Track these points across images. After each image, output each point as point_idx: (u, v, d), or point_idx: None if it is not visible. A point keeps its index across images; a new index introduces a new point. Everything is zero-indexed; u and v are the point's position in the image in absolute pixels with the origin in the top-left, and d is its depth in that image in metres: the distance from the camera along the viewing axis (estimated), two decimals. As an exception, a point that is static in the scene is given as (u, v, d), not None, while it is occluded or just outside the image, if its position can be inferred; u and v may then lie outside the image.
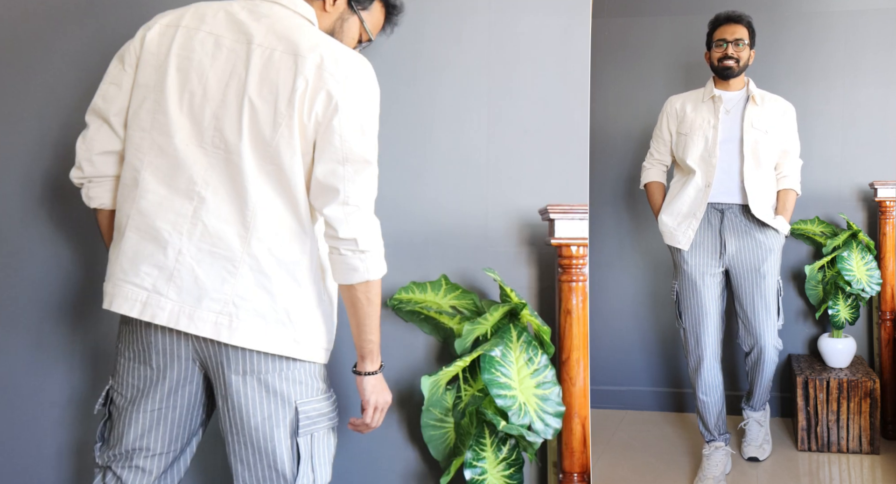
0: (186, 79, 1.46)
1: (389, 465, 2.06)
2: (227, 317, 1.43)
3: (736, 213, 2.86)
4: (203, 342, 1.47)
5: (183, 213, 1.44)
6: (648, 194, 3.06)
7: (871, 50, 3.61)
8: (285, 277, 1.46)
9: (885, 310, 3.43)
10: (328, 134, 1.42)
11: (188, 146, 1.44)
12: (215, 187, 1.43)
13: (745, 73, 2.91)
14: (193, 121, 1.45)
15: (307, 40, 1.44)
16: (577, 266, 1.88)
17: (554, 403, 1.83)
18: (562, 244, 1.88)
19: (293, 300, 1.47)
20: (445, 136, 2.06)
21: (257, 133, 1.42)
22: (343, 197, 1.42)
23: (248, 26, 1.46)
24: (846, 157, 3.63)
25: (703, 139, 2.84)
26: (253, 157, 1.42)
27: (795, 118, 2.94)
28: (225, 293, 1.43)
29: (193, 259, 1.43)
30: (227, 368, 1.47)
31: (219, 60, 1.45)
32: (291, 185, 1.44)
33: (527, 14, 2.04)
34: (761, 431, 3.14)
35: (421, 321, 2.03)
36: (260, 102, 1.42)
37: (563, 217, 1.87)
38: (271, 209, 1.44)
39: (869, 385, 3.15)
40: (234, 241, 1.43)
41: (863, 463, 3.10)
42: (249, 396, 1.47)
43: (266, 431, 1.48)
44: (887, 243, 3.44)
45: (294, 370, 1.50)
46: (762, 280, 2.85)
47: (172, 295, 1.43)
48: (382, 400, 1.62)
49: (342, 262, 1.46)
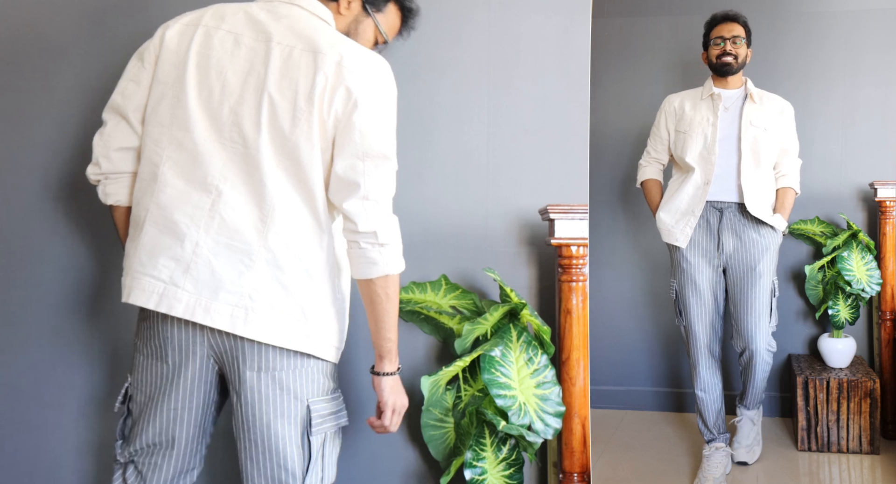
0: (206, 75, 1.47)
1: (389, 465, 2.06)
2: (242, 309, 1.43)
3: (734, 211, 2.86)
4: (219, 336, 1.47)
5: (201, 206, 1.45)
6: (645, 192, 3.07)
7: (871, 50, 3.61)
8: (301, 272, 1.46)
9: (885, 310, 3.43)
10: (348, 129, 1.43)
11: (207, 141, 1.46)
12: (233, 182, 1.45)
13: (743, 73, 2.93)
14: (212, 116, 1.46)
15: (326, 39, 1.46)
16: (577, 266, 1.88)
17: (554, 403, 1.83)
18: (562, 244, 1.88)
19: (307, 296, 1.47)
20: (445, 136, 2.06)
21: (276, 128, 1.43)
22: (363, 192, 1.44)
23: (268, 25, 1.48)
24: (846, 157, 3.63)
25: (702, 137, 2.85)
26: (271, 153, 1.44)
27: (794, 117, 2.95)
28: (241, 286, 1.43)
29: (210, 252, 1.44)
30: (243, 364, 1.47)
31: (238, 58, 1.47)
32: (309, 180, 1.45)
33: (527, 14, 2.04)
34: (753, 429, 3.14)
35: (421, 321, 2.03)
36: (279, 98, 1.43)
37: (563, 217, 1.87)
38: (289, 204, 1.45)
39: (869, 385, 3.15)
40: (251, 234, 1.44)
41: (863, 463, 3.10)
42: (263, 392, 1.47)
43: (277, 429, 1.48)
44: (887, 243, 3.44)
45: (307, 368, 1.50)
46: (758, 280, 2.86)
47: (189, 287, 1.44)
48: (400, 403, 1.62)
49: (361, 255, 1.47)
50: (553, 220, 1.88)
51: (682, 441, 3.38)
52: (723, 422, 3.01)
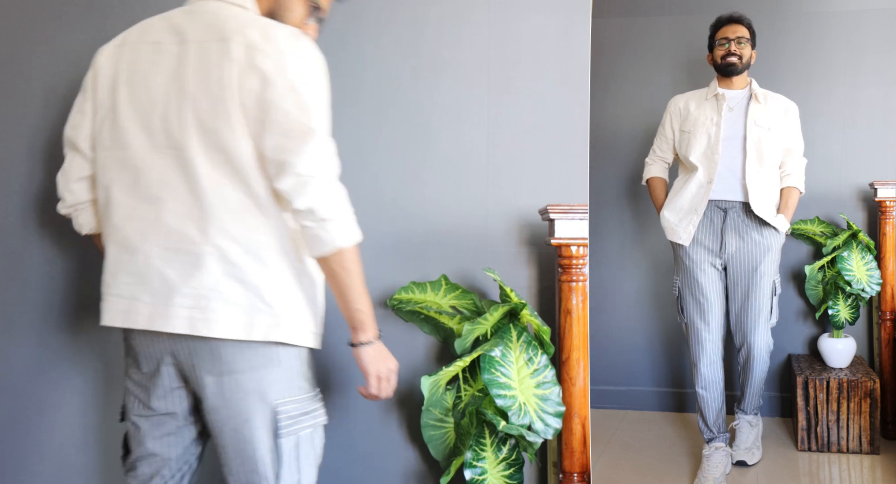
0: (135, 90, 1.49)
1: (389, 465, 2.06)
2: (200, 311, 1.43)
3: (738, 211, 2.88)
4: (178, 343, 1.47)
5: (147, 218, 1.47)
6: (650, 189, 3.11)
7: (871, 50, 3.61)
8: (252, 262, 1.44)
9: (885, 310, 3.43)
10: (268, 110, 1.41)
11: (144, 154, 1.47)
12: (174, 187, 1.45)
13: (748, 74, 2.96)
14: (145, 128, 1.48)
15: (236, 25, 1.45)
16: (577, 266, 1.88)
17: (554, 403, 1.83)
18: (562, 244, 1.88)
19: (266, 284, 1.45)
20: (445, 136, 2.06)
21: (201, 125, 1.44)
22: (293, 169, 1.40)
23: (184, 27, 1.48)
24: (846, 157, 3.63)
25: (706, 136, 2.88)
26: (202, 150, 1.44)
27: (798, 117, 2.97)
28: (193, 287, 1.43)
29: (161, 259, 1.45)
30: (202, 369, 1.46)
31: (160, 66, 1.48)
32: (241, 168, 1.43)
33: (527, 14, 2.04)
34: (752, 432, 3.14)
35: (421, 321, 2.03)
36: (200, 95, 1.43)
37: (563, 217, 1.87)
38: (226, 197, 1.44)
39: (869, 385, 3.15)
40: (194, 234, 1.44)
41: (863, 463, 3.10)
42: (227, 397, 1.46)
43: (244, 434, 1.47)
44: (887, 243, 3.44)
45: (272, 369, 1.48)
46: (759, 279, 2.88)
47: (147, 299, 1.46)
48: (385, 368, 1.57)
49: (307, 235, 1.44)
50: (553, 221, 1.88)
51: (682, 441, 3.38)
52: (723, 421, 3.01)
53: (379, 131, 2.08)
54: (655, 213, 3.09)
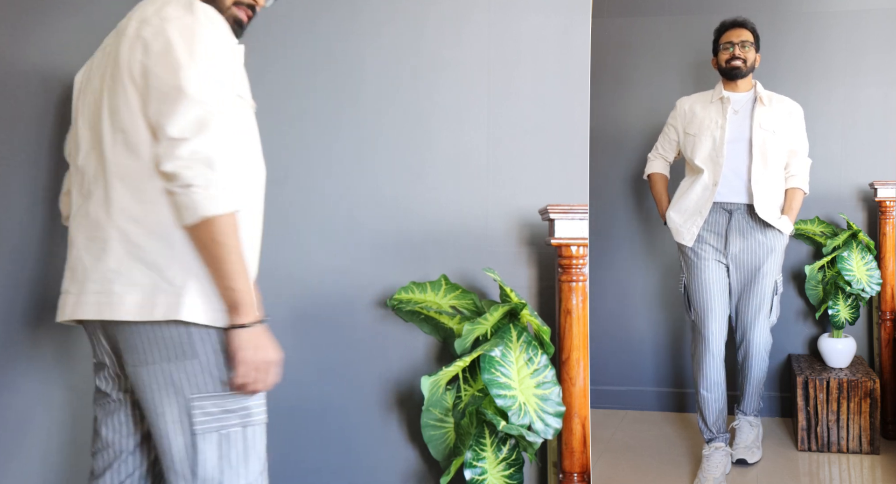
0: (86, 97, 1.54)
1: (389, 465, 2.06)
2: (105, 295, 1.41)
3: (743, 213, 2.90)
4: (107, 330, 1.48)
5: (81, 213, 1.49)
6: (650, 184, 3.16)
7: (871, 50, 3.61)
8: (155, 241, 1.41)
9: (885, 310, 3.43)
10: (148, 77, 1.40)
11: (86, 153, 1.51)
12: (98, 179, 1.47)
13: (752, 76, 2.98)
14: (92, 130, 1.51)
15: (139, 12, 1.47)
16: (577, 266, 1.88)
17: (554, 403, 1.83)
18: (562, 244, 1.88)
19: (167, 262, 1.40)
20: (445, 136, 2.06)
21: (109, 110, 1.46)
22: (164, 133, 1.36)
23: (125, 26, 1.50)
24: (846, 157, 3.63)
25: (711, 139, 2.91)
26: (109, 134, 1.45)
27: (803, 118, 2.99)
28: (100, 272, 1.42)
29: (82, 248, 1.47)
30: (126, 360, 1.45)
31: (101, 67, 1.52)
32: (139, 145, 1.41)
33: (527, 14, 2.04)
34: (752, 432, 3.14)
35: (421, 321, 2.03)
36: (110, 81, 1.46)
37: (563, 217, 1.87)
38: (126, 177, 1.42)
39: (869, 385, 3.15)
40: (102, 219, 1.44)
41: (863, 463, 3.10)
42: (145, 387, 1.43)
43: (161, 428, 1.43)
44: (887, 243, 3.44)
45: (187, 361, 1.41)
46: (762, 278, 2.92)
47: (73, 289, 1.48)
48: (260, 358, 1.41)
49: (174, 202, 1.38)
50: (553, 221, 1.88)
51: (682, 441, 3.38)
52: (723, 422, 3.01)
53: (379, 131, 2.08)
54: (658, 214, 3.10)
